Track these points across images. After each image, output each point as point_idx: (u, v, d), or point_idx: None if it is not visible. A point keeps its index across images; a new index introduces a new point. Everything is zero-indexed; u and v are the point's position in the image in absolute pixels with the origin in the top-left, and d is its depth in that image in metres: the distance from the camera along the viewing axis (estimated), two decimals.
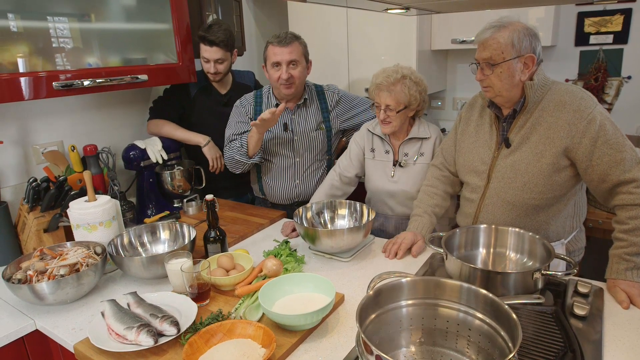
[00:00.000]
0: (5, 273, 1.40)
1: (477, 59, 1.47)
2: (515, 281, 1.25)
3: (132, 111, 2.39)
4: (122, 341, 1.17)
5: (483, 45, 1.43)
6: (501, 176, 1.53)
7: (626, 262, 1.32)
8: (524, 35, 1.40)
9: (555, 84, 1.47)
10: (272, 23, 3.30)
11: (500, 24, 1.42)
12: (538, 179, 1.46)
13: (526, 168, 1.47)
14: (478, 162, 1.59)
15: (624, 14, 2.55)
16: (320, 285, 1.32)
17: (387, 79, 1.76)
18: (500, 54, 1.40)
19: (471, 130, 1.64)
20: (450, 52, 3.07)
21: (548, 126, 1.43)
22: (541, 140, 1.44)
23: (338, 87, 2.21)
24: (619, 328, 1.18)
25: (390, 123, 1.80)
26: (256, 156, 2.05)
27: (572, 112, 1.39)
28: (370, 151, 1.95)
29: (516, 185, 1.50)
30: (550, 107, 1.44)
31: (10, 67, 1.63)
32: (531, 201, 1.50)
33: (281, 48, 1.92)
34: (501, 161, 1.53)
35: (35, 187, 1.71)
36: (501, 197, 1.54)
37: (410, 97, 1.77)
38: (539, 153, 1.45)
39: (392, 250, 1.64)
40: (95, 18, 1.87)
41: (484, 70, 1.45)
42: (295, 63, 1.95)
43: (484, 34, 1.43)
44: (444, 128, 3.14)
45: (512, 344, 0.89)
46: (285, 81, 1.95)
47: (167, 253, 1.45)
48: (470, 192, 1.64)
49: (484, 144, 1.58)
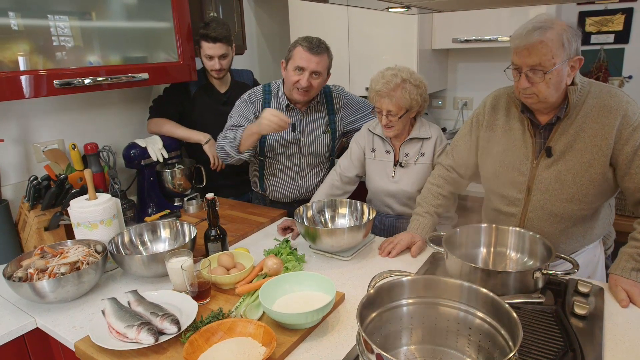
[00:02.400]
0: (6, 271, 1.40)
1: (520, 64, 1.31)
2: (516, 280, 1.25)
3: (132, 109, 2.39)
4: (122, 339, 1.17)
5: (528, 50, 1.28)
6: (545, 188, 1.44)
7: (634, 262, 1.31)
8: (572, 36, 1.28)
9: (593, 85, 1.38)
10: (273, 22, 3.30)
11: (544, 25, 1.26)
12: (588, 190, 1.39)
13: (574, 179, 1.39)
14: (515, 173, 1.49)
15: (625, 14, 2.55)
16: (320, 284, 1.32)
17: (386, 85, 1.71)
18: (550, 59, 1.26)
19: (498, 136, 1.53)
20: (451, 52, 3.07)
21: (594, 133, 1.35)
22: (588, 149, 1.36)
23: (344, 89, 2.21)
24: (620, 328, 1.18)
25: (393, 127, 1.79)
26: (246, 153, 1.99)
27: (619, 118, 1.32)
28: (371, 151, 1.95)
29: (564, 197, 1.42)
30: (593, 112, 1.35)
31: (11, 66, 1.63)
32: (580, 212, 1.44)
33: (311, 56, 1.87)
34: (543, 172, 1.43)
35: (36, 186, 1.71)
36: (547, 210, 1.46)
37: (412, 100, 1.74)
38: (586, 162, 1.37)
39: (386, 249, 1.64)
40: (96, 16, 1.87)
41: (530, 78, 1.31)
42: (318, 74, 1.91)
43: (530, 38, 1.27)
44: (445, 127, 3.14)
45: (513, 343, 0.89)
46: (303, 88, 1.92)
47: (167, 251, 1.45)
48: (508, 206, 1.54)
49: (519, 152, 1.47)
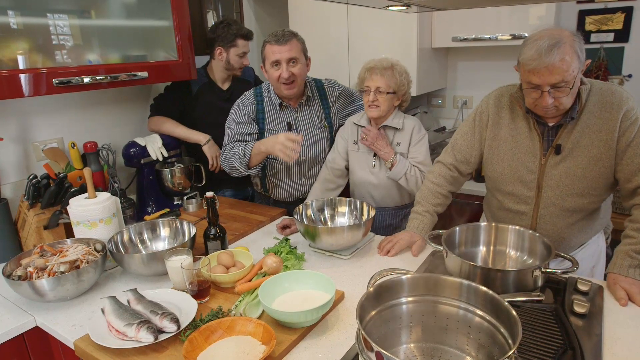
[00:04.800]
0: (5, 270, 1.40)
1: (540, 83, 1.31)
2: (515, 279, 1.25)
3: (132, 108, 2.39)
4: (122, 338, 1.17)
5: (549, 70, 1.28)
6: (555, 184, 1.47)
7: (631, 259, 1.32)
8: (581, 43, 1.31)
9: (594, 83, 1.42)
10: (272, 20, 3.30)
11: (557, 41, 1.27)
12: (598, 183, 1.43)
13: (583, 173, 1.43)
14: (524, 171, 1.52)
15: (625, 12, 2.54)
16: (320, 283, 1.32)
17: (379, 63, 1.85)
18: (571, 74, 1.29)
19: (504, 134, 1.55)
20: (450, 50, 3.07)
21: (598, 129, 1.39)
22: (594, 144, 1.40)
23: (337, 82, 2.21)
24: (619, 326, 1.18)
25: (378, 107, 1.85)
26: (254, 168, 2.02)
27: (621, 113, 1.36)
28: (354, 143, 1.99)
29: (575, 192, 1.46)
30: (596, 109, 1.39)
31: (10, 64, 1.63)
32: (590, 205, 1.48)
33: (279, 46, 1.89)
34: (552, 169, 1.47)
35: (35, 184, 1.71)
36: (559, 205, 1.49)
37: (399, 83, 1.85)
38: (594, 157, 1.40)
39: (386, 248, 1.64)
40: (95, 15, 1.87)
41: (554, 94, 1.32)
42: (294, 60, 1.93)
43: (550, 58, 1.26)
44: (444, 126, 3.14)
45: (512, 341, 0.89)
46: (286, 80, 1.92)
47: (167, 250, 1.45)
48: (518, 204, 1.56)
49: (526, 150, 1.50)
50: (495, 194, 1.64)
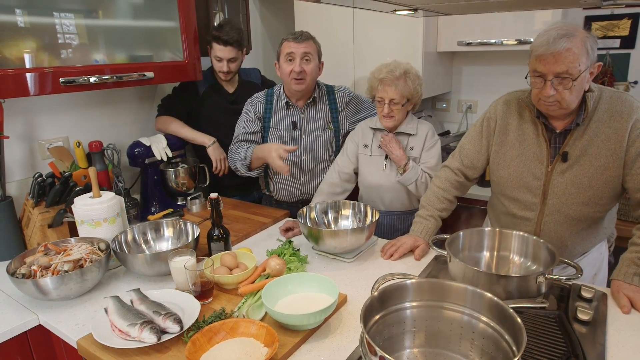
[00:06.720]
0: (9, 268, 1.41)
1: (545, 72, 1.30)
2: (519, 285, 1.25)
3: (137, 108, 2.39)
4: (125, 338, 1.17)
5: (555, 57, 1.27)
6: (561, 192, 1.46)
7: (636, 267, 1.32)
8: (593, 42, 1.29)
9: (603, 90, 1.41)
10: (278, 22, 3.30)
11: (568, 32, 1.26)
12: (604, 192, 1.42)
13: (589, 182, 1.42)
14: (530, 178, 1.51)
15: (632, 19, 2.54)
16: (323, 286, 1.32)
17: (390, 73, 1.81)
18: (577, 67, 1.27)
19: (512, 140, 1.54)
20: (456, 54, 3.06)
21: (607, 137, 1.38)
22: (602, 153, 1.39)
23: (349, 89, 2.23)
24: (622, 333, 1.18)
25: (394, 117, 1.85)
26: (255, 171, 2.10)
27: (631, 122, 1.35)
28: (364, 147, 2.00)
29: (580, 201, 1.44)
30: (605, 117, 1.38)
31: (17, 63, 1.63)
32: (595, 214, 1.47)
33: (297, 44, 1.97)
34: (558, 176, 1.46)
35: (40, 183, 1.71)
36: (563, 213, 1.48)
37: (413, 90, 1.84)
38: (601, 166, 1.39)
39: (389, 252, 1.64)
40: (102, 15, 1.88)
41: (556, 86, 1.31)
42: (308, 57, 1.99)
43: (557, 45, 1.25)
44: (449, 130, 3.14)
45: (517, 348, 0.88)
46: (297, 74, 1.97)
47: (170, 250, 1.45)
48: (523, 210, 1.56)
49: (533, 157, 1.49)
50: (501, 199, 1.64)
